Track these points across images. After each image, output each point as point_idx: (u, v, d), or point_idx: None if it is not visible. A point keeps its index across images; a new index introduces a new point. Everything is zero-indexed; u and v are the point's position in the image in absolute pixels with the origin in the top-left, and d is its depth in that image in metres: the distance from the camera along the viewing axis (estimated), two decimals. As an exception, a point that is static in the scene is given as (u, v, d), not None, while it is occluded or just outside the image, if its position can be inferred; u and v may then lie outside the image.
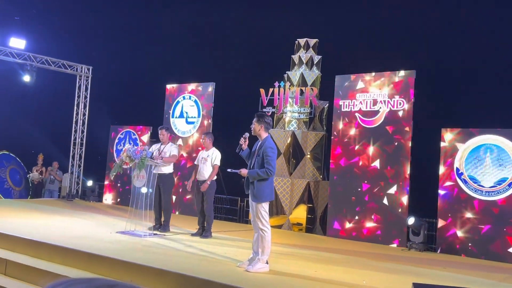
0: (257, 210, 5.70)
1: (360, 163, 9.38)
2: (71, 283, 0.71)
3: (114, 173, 8.03)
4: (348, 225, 9.38)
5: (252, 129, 5.91)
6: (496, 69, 10.49)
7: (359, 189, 9.32)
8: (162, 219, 8.37)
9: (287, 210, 10.25)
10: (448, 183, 8.49)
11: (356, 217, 9.30)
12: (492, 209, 8.02)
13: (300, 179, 10.34)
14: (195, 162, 8.54)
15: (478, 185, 8.18)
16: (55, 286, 0.71)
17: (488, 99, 10.08)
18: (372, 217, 9.12)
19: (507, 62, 10.29)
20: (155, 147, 8.55)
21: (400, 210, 8.85)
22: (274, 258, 6.18)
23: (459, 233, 8.28)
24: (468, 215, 8.24)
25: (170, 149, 8.35)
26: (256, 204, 5.71)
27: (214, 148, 8.32)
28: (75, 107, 13.95)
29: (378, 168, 9.17)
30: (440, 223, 8.51)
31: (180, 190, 11.64)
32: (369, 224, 9.16)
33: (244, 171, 5.80)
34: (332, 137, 9.91)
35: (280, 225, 10.21)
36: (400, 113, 9.07)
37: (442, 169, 8.59)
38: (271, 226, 5.98)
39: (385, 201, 9.03)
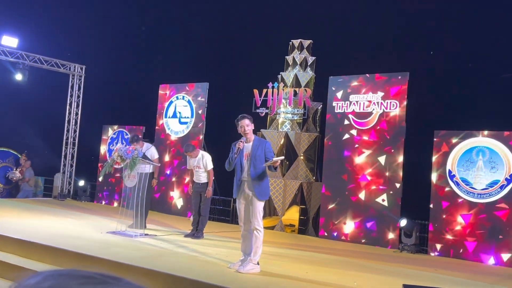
0: (257, 209, 5.71)
1: (353, 164, 9.37)
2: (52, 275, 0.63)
3: (104, 173, 7.95)
4: (338, 226, 9.36)
5: (248, 131, 5.76)
6: (489, 71, 10.51)
7: (351, 191, 9.31)
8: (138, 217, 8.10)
9: (279, 211, 10.22)
10: (440, 185, 8.49)
11: (348, 219, 9.28)
12: (484, 212, 8.02)
13: (293, 180, 10.31)
14: (188, 167, 8.43)
15: (470, 187, 8.19)
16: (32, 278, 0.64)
17: (481, 102, 10.10)
18: (365, 218, 9.11)
19: (502, 63, 10.31)
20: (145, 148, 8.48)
21: (392, 212, 8.85)
22: (265, 259, 6.15)
23: (451, 235, 8.28)
24: (460, 217, 8.24)
25: (152, 152, 8.39)
26: (258, 202, 5.71)
27: (201, 152, 8.24)
28: (67, 106, 13.87)
29: (371, 169, 9.16)
30: (432, 225, 8.52)
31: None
32: (362, 226, 9.14)
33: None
34: (325, 139, 9.91)
35: (272, 226, 10.18)
36: (393, 115, 9.08)
37: (434, 171, 8.59)
38: (264, 227, 5.95)
39: (378, 203, 9.01)
